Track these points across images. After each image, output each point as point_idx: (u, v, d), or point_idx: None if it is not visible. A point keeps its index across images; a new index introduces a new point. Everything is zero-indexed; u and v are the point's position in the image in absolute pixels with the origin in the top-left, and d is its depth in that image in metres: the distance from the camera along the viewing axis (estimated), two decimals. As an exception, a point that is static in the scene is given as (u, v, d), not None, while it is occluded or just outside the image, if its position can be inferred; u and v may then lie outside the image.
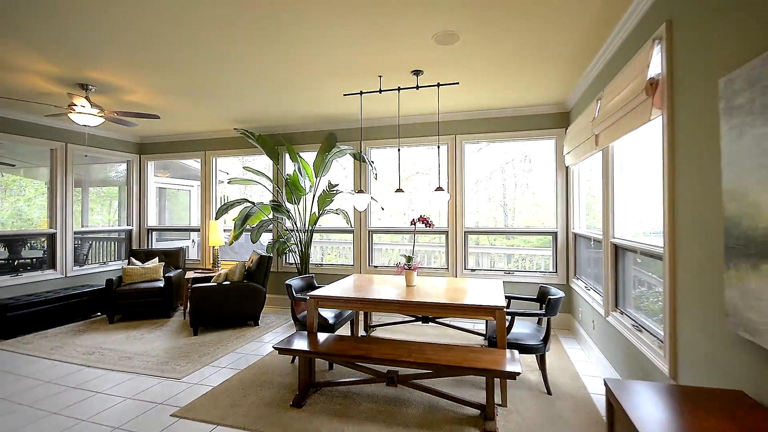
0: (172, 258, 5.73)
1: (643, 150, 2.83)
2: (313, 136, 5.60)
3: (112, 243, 6.45)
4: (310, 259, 5.84)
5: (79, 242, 5.96)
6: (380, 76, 3.55)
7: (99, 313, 5.31)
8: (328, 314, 3.56)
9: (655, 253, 2.31)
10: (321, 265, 5.65)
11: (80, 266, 5.71)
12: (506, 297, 3.22)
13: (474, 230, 5.13)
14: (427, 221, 3.49)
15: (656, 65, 2.10)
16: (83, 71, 3.50)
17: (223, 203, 5.08)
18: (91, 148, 5.79)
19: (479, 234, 5.61)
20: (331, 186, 5.02)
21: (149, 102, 4.39)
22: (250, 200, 5.12)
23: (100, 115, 3.89)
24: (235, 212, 5.42)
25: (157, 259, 5.56)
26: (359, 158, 5.14)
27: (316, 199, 5.22)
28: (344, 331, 4.43)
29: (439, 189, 3.47)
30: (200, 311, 4.34)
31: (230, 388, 3.05)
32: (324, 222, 7.91)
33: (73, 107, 3.76)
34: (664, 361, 2.09)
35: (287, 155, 5.61)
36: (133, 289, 4.92)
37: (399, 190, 3.57)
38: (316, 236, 6.89)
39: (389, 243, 7.33)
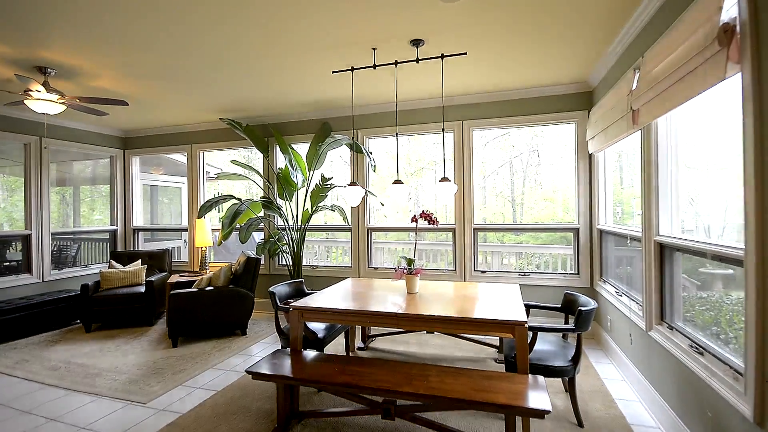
0: (157, 260, 5.31)
1: (693, 125, 2.31)
2: (306, 126, 5.12)
3: (99, 244, 6.06)
4: (304, 260, 5.38)
5: (70, 243, 5.60)
6: (374, 49, 3.05)
7: (78, 321, 4.90)
8: (318, 326, 3.09)
9: (725, 255, 1.79)
10: (316, 267, 5.16)
11: (59, 270, 5.32)
12: (524, 305, 2.71)
13: (485, 227, 4.62)
14: (431, 218, 3.00)
15: (730, 7, 1.58)
16: (36, 51, 3.05)
17: (207, 200, 4.63)
18: (69, 142, 5.37)
19: (490, 231, 5.10)
20: (324, 180, 4.53)
21: (119, 88, 3.93)
22: (236, 197, 4.66)
23: (61, 101, 3.45)
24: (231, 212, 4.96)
25: (140, 261, 5.14)
26: (355, 148, 4.64)
27: (309, 194, 4.75)
28: (339, 341, 3.95)
29: (445, 179, 2.97)
30: (180, 321, 3.89)
31: (201, 416, 2.60)
32: (327, 219, 7.47)
33: (29, 93, 3.33)
34: (743, 399, 1.58)
35: (278, 147, 5.13)
36: (112, 294, 4.50)
37: (398, 181, 3.08)
38: (314, 235, 6.42)
39: (394, 242, 6.83)
